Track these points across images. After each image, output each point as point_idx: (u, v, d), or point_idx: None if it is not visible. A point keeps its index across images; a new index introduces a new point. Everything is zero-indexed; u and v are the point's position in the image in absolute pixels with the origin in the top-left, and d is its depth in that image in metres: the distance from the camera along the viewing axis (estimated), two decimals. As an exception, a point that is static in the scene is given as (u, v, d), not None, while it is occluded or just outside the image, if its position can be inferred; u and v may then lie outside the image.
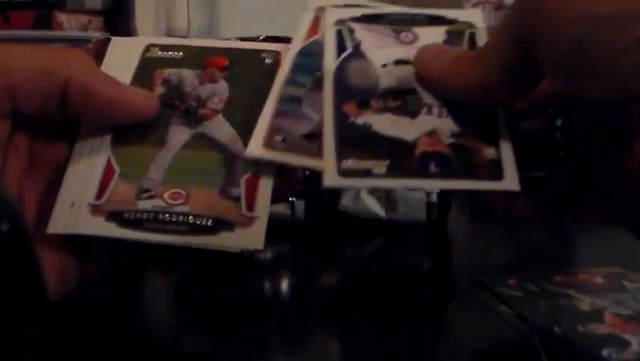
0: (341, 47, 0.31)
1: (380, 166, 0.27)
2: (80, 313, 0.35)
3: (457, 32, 0.32)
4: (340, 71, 0.30)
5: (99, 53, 0.33)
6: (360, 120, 0.28)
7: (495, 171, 0.27)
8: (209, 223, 0.28)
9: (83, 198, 0.29)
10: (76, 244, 0.29)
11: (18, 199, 0.28)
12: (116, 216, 0.28)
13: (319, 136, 0.28)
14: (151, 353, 0.34)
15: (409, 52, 0.30)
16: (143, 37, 0.35)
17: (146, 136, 0.30)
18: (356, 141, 0.28)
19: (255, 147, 0.29)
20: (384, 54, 0.31)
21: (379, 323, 0.37)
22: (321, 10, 0.33)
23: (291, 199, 0.48)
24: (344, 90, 0.29)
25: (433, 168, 0.27)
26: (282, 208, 0.47)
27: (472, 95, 0.28)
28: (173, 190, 0.29)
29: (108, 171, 0.29)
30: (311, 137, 0.29)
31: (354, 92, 0.29)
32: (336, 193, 0.49)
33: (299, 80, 0.31)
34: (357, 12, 0.33)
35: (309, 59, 0.31)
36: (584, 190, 0.29)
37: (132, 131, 0.30)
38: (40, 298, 0.25)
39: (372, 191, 0.49)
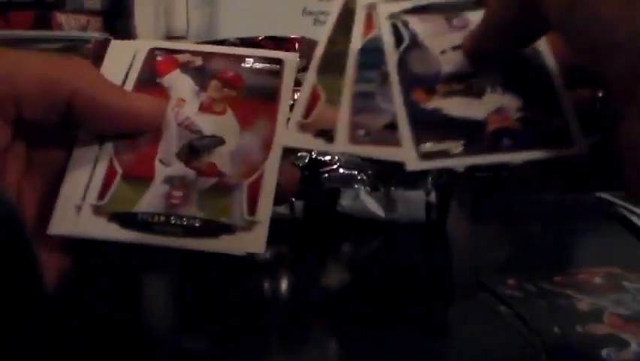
0: (399, 40, 0.32)
1: (456, 147, 0.28)
2: (79, 313, 0.35)
3: None
4: (403, 62, 0.31)
5: (98, 53, 0.33)
6: (430, 106, 0.30)
7: (564, 138, 0.29)
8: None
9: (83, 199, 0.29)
10: (74, 245, 0.29)
11: (17, 201, 0.28)
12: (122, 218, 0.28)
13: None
14: (151, 353, 0.34)
15: (463, 37, 0.32)
16: (143, 41, 0.35)
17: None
18: (430, 126, 0.29)
19: (341, 143, 0.29)
20: (440, 41, 0.32)
21: (379, 323, 0.37)
22: (372, 6, 0.34)
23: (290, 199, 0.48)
24: (409, 79, 0.31)
25: (505, 142, 0.28)
26: (281, 208, 0.47)
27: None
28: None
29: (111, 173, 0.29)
30: (391, 127, 0.30)
31: (420, 80, 0.31)
32: (335, 193, 0.49)
33: (367, 76, 0.31)
34: (408, 4, 0.34)
35: (371, 55, 0.32)
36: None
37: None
38: (39, 299, 0.25)
39: (373, 191, 0.49)
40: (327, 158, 0.48)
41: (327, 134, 0.29)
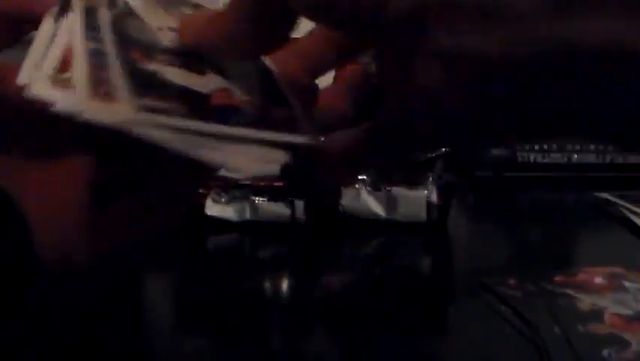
0: (112, 3, 0.29)
1: (179, 108, 0.25)
2: (79, 313, 0.35)
3: None
4: (117, 25, 0.28)
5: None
6: (149, 67, 0.27)
7: (291, 127, 0.27)
8: None
9: None
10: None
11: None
12: None
13: None
14: (151, 354, 0.34)
15: (179, 20, 0.29)
16: None
17: None
18: (150, 84, 0.26)
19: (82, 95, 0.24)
20: (158, 17, 0.29)
21: (379, 324, 0.37)
22: None
23: (290, 199, 0.48)
24: (126, 40, 0.27)
25: (232, 118, 0.26)
26: (282, 208, 0.47)
27: (227, 48, 0.26)
28: None
29: None
30: None
31: (137, 43, 0.27)
32: (335, 193, 0.49)
33: (94, 35, 0.27)
34: None
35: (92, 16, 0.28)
36: None
37: None
38: (34, 268, 0.25)
39: (373, 190, 0.49)
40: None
41: None
